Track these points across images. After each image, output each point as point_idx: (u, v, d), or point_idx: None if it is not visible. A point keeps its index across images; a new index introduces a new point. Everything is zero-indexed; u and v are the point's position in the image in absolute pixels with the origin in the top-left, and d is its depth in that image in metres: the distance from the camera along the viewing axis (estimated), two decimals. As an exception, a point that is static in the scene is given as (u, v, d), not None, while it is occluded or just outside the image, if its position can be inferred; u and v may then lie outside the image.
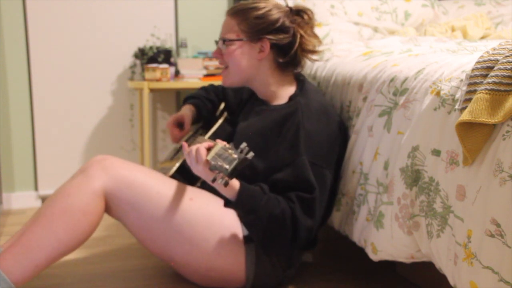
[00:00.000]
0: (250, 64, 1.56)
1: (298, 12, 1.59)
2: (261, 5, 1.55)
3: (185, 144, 1.40)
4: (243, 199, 1.37)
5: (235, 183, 1.37)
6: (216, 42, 1.62)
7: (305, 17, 1.59)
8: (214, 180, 1.27)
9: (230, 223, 1.46)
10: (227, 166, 1.20)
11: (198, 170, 1.34)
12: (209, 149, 1.32)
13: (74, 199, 1.38)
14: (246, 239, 1.46)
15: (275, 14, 1.54)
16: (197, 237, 1.43)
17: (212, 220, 1.45)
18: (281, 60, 1.57)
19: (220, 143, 1.30)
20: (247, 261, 1.46)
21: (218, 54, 1.60)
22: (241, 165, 1.22)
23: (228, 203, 1.39)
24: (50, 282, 1.62)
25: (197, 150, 1.32)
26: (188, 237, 1.43)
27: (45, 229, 1.35)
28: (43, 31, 2.49)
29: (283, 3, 1.60)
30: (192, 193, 1.48)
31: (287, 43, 1.55)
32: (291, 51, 1.56)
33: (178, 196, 1.45)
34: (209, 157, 1.26)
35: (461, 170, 1.04)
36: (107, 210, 1.46)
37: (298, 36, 1.56)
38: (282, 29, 1.54)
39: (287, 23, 1.55)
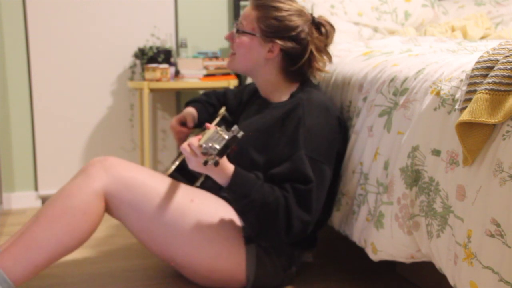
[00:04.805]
0: (256, 60, 1.55)
1: (318, 25, 1.56)
2: (286, 6, 1.52)
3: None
4: (237, 182, 1.36)
5: (229, 167, 1.36)
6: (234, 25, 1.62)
7: (323, 31, 1.57)
8: (205, 162, 1.25)
9: (231, 223, 1.46)
10: (216, 146, 1.22)
11: (192, 164, 1.33)
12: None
13: (75, 199, 1.38)
14: (247, 239, 1.46)
15: (295, 21, 1.51)
16: (198, 238, 1.43)
17: (213, 221, 1.45)
18: (288, 68, 1.55)
19: (213, 128, 1.30)
20: (248, 261, 1.46)
21: (230, 38, 1.60)
22: (231, 143, 1.24)
23: (222, 189, 1.38)
24: (50, 282, 1.62)
25: (189, 142, 1.32)
26: (188, 238, 1.43)
27: (46, 230, 1.35)
28: (43, 31, 2.49)
29: (307, 10, 1.58)
30: (193, 194, 1.48)
31: (296, 54, 1.53)
32: (298, 63, 1.54)
33: (179, 198, 1.45)
34: (201, 142, 1.27)
35: (461, 170, 1.04)
36: (108, 210, 1.46)
37: (309, 50, 1.54)
38: (295, 39, 1.52)
39: (303, 34, 1.52)
